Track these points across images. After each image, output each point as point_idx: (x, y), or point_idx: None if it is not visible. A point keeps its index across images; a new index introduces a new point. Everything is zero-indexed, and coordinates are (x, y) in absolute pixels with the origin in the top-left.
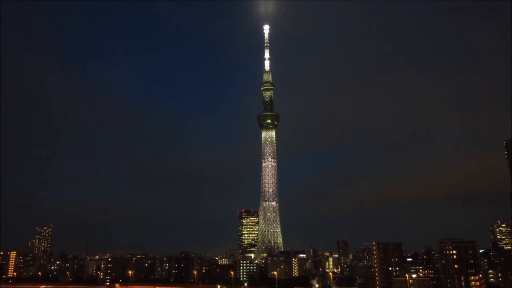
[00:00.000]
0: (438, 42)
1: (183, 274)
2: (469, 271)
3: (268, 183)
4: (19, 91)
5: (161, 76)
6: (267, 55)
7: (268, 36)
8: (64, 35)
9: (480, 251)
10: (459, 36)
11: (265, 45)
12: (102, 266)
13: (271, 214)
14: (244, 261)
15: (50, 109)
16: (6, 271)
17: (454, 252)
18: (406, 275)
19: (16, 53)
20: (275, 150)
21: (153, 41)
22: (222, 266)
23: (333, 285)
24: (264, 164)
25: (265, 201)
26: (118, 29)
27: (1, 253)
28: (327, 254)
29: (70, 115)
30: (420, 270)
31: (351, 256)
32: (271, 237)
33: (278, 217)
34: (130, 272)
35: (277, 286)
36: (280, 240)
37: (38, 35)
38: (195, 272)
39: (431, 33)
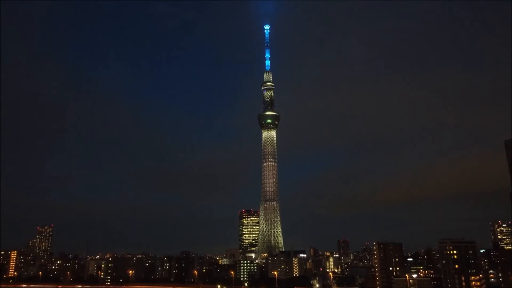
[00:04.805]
0: (438, 42)
1: (184, 274)
2: (469, 271)
3: (268, 183)
4: (19, 91)
5: (161, 76)
6: (267, 55)
7: (268, 36)
8: (64, 35)
9: (481, 251)
10: (459, 36)
11: (265, 45)
12: (103, 265)
13: (271, 214)
14: (245, 261)
15: (50, 109)
16: (6, 270)
17: (455, 252)
18: (406, 275)
19: (16, 53)
20: (276, 150)
21: (153, 41)
22: (222, 266)
23: (333, 285)
24: (264, 164)
25: (266, 201)
26: (118, 29)
27: (2, 252)
28: (328, 254)
29: (70, 115)
30: (421, 270)
31: (351, 256)
32: (271, 237)
33: (278, 217)
34: (130, 272)
35: (277, 286)
36: (280, 240)
37: (38, 35)
38: (195, 272)
39: (431, 33)
